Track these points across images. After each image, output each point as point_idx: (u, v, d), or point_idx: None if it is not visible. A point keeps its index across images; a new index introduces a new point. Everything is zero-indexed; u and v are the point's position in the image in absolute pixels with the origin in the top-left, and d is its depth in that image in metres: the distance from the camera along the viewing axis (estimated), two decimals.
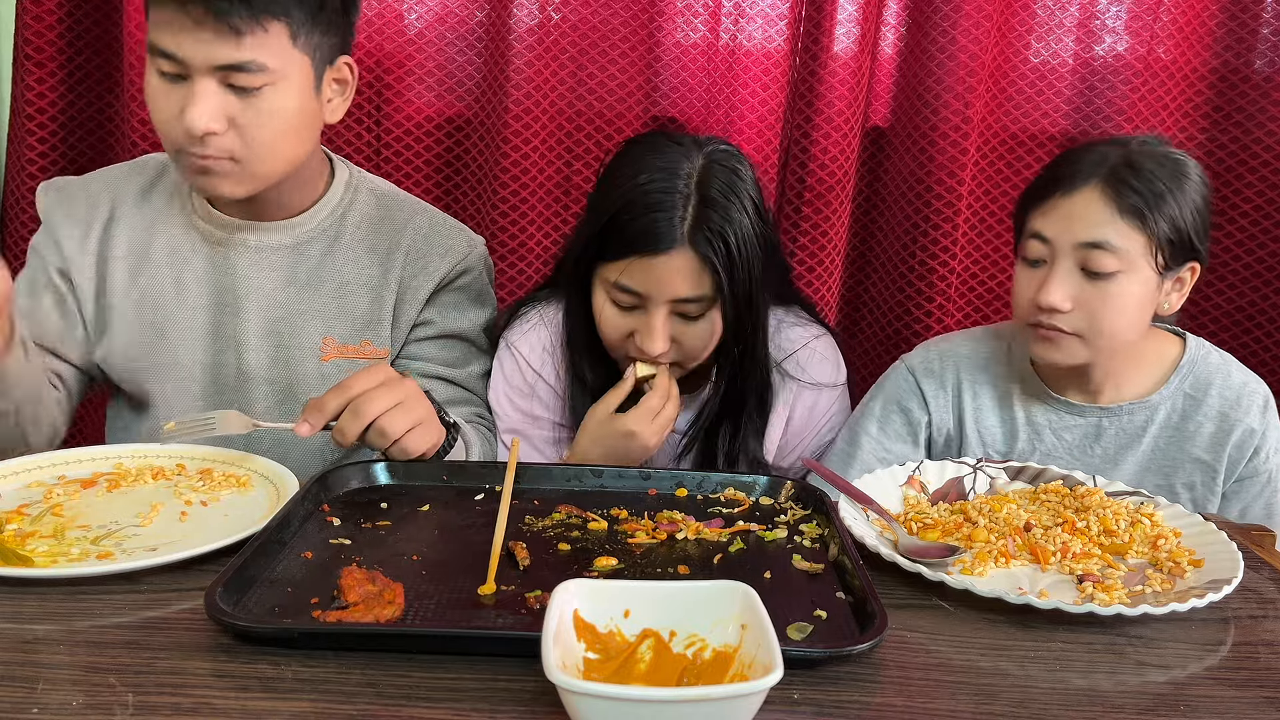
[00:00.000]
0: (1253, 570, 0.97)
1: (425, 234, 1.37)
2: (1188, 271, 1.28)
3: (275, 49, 1.16)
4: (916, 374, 1.42)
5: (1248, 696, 0.75)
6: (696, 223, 1.20)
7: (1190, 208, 1.23)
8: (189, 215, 1.33)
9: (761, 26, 1.76)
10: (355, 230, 1.36)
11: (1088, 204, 1.23)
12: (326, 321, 1.34)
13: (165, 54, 1.14)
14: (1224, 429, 1.33)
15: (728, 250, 1.21)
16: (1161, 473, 1.35)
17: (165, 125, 1.19)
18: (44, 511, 0.98)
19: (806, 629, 0.80)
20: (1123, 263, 1.22)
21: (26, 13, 1.68)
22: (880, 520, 1.02)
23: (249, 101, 1.16)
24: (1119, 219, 1.21)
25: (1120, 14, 1.79)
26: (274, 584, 0.84)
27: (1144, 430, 1.34)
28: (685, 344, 1.27)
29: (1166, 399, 1.34)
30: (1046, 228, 1.26)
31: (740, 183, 1.24)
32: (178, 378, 1.34)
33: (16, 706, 0.66)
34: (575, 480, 1.11)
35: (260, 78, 1.15)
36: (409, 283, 1.36)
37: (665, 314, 1.24)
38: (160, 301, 1.33)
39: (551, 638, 0.66)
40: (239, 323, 1.33)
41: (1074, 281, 1.23)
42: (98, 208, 1.34)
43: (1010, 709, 0.72)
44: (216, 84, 1.15)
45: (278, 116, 1.18)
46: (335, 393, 1.06)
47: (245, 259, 1.32)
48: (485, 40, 1.76)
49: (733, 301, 1.24)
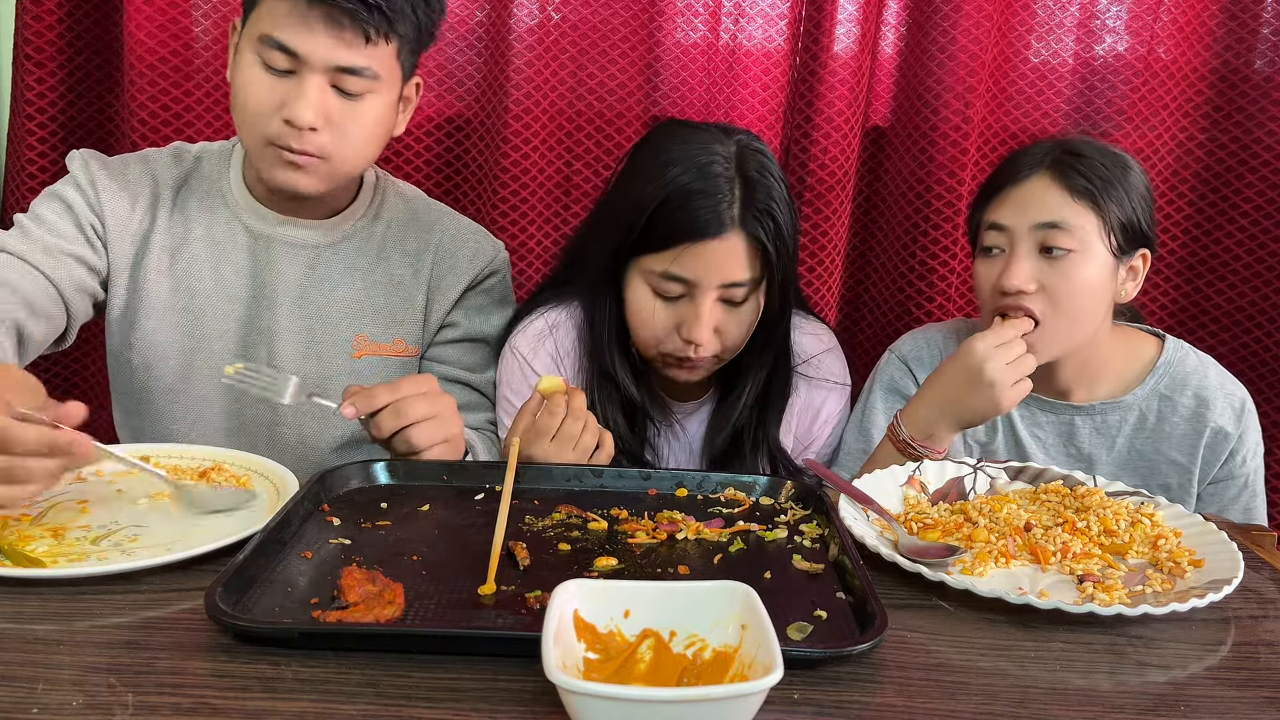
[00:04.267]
0: (1253, 570, 0.97)
1: (453, 235, 1.42)
2: (1139, 258, 1.31)
3: (386, 60, 1.22)
4: (908, 360, 1.45)
5: (1248, 696, 0.75)
6: (745, 205, 1.21)
7: (1136, 194, 1.29)
8: (231, 208, 1.36)
9: (761, 26, 1.76)
10: (386, 230, 1.40)
11: (1040, 189, 1.28)
12: (359, 319, 1.37)
13: (282, 47, 1.18)
14: (1196, 430, 1.34)
15: (777, 229, 1.23)
16: (1138, 474, 1.36)
17: (259, 116, 1.21)
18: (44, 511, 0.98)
19: (806, 629, 0.80)
20: (1078, 241, 1.25)
21: (26, 13, 1.68)
22: (880, 520, 1.02)
23: (350, 105, 1.22)
24: (1071, 200, 1.26)
25: (1120, 14, 1.79)
26: (274, 584, 0.84)
27: (1119, 430, 1.36)
28: (727, 331, 1.27)
29: (1141, 399, 1.35)
30: (1002, 216, 1.30)
31: (772, 164, 1.27)
32: (207, 367, 1.35)
33: (16, 706, 0.66)
34: (575, 480, 1.11)
35: (367, 84, 1.21)
36: (438, 282, 1.39)
37: (714, 300, 1.24)
38: (197, 290, 1.34)
39: (551, 638, 0.65)
40: (273, 316, 1.35)
41: (1034, 263, 1.27)
42: (142, 189, 1.34)
43: (1010, 709, 0.72)
44: (325, 82, 1.19)
45: (370, 122, 1.24)
46: (386, 389, 1.08)
47: (283, 254, 1.35)
48: (485, 40, 1.76)
49: (780, 282, 1.26)
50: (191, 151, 1.40)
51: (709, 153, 1.23)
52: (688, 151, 1.24)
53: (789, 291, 1.30)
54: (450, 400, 1.13)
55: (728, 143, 1.25)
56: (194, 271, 1.34)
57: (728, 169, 1.22)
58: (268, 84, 1.20)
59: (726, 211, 1.21)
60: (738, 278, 1.23)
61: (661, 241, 1.22)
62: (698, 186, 1.21)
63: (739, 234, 1.21)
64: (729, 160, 1.23)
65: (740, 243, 1.22)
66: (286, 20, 1.16)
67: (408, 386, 1.09)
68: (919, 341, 1.48)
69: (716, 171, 1.22)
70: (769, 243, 1.22)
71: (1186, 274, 1.86)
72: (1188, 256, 1.86)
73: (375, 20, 1.16)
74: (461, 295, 1.40)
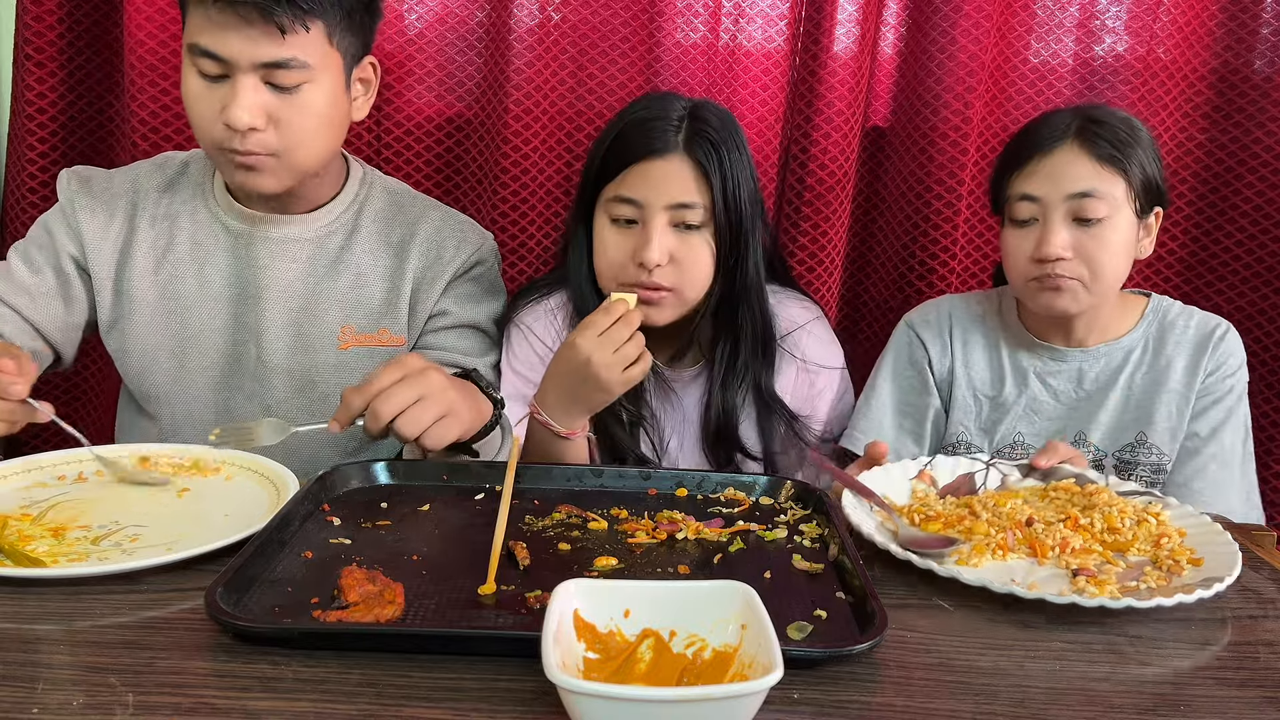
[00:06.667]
0: (1252, 570, 0.97)
1: (439, 226, 1.42)
2: (1154, 217, 1.39)
3: (314, 47, 1.20)
4: (915, 326, 1.54)
5: (1248, 696, 0.75)
6: (691, 133, 1.29)
7: (1149, 156, 1.36)
8: (212, 209, 1.37)
9: (761, 26, 1.76)
10: (371, 224, 1.40)
11: (1069, 159, 1.33)
12: (344, 311, 1.37)
13: (208, 54, 1.18)
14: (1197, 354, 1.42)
15: (720, 162, 1.29)
16: (1140, 407, 1.43)
17: (206, 124, 1.22)
18: (44, 511, 0.98)
19: (806, 629, 0.80)
20: (1110, 207, 1.32)
21: (26, 13, 1.68)
22: (882, 511, 1.02)
23: (288, 99, 1.21)
24: (1100, 168, 1.32)
25: (1120, 14, 1.79)
26: (274, 584, 0.84)
27: (1120, 369, 1.43)
28: (683, 263, 1.30)
29: (1138, 339, 1.44)
30: (1034, 187, 1.35)
31: (734, 124, 1.35)
32: (197, 367, 1.36)
33: (17, 706, 0.66)
34: (575, 480, 1.11)
35: (300, 75, 1.20)
36: (425, 273, 1.39)
37: (664, 223, 1.29)
38: (182, 293, 1.36)
39: (551, 638, 0.66)
40: (260, 314, 1.36)
41: (1068, 231, 1.33)
42: (120, 200, 1.37)
43: (1010, 709, 0.72)
44: (258, 81, 1.19)
45: (314, 113, 1.23)
46: (358, 391, 1.07)
47: (266, 251, 1.35)
48: (485, 40, 1.76)
49: (726, 218, 1.30)
50: (179, 158, 1.42)
51: (668, 98, 1.35)
52: (648, 98, 1.37)
53: (746, 244, 1.33)
54: (437, 374, 1.10)
55: (691, 100, 1.35)
56: (179, 275, 1.36)
57: (682, 108, 1.32)
58: (206, 91, 1.20)
59: (673, 136, 1.29)
60: (684, 199, 1.28)
61: (616, 167, 1.31)
62: (650, 115, 1.32)
63: (683, 157, 1.29)
64: (686, 104, 1.33)
65: (685, 166, 1.29)
66: (207, 26, 1.17)
67: (380, 381, 1.07)
68: (928, 309, 1.55)
69: (669, 105, 1.33)
70: (713, 169, 1.28)
71: (1186, 274, 1.86)
72: (1187, 257, 1.86)
73: (284, 11, 1.15)
74: (449, 284, 1.40)
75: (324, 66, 1.22)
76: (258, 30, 1.16)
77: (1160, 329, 1.45)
